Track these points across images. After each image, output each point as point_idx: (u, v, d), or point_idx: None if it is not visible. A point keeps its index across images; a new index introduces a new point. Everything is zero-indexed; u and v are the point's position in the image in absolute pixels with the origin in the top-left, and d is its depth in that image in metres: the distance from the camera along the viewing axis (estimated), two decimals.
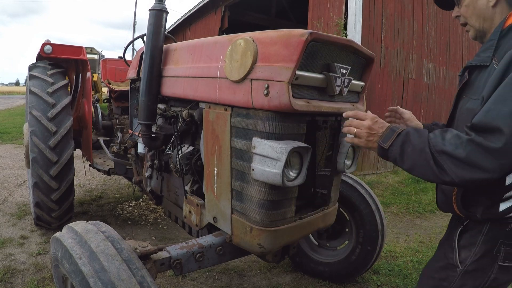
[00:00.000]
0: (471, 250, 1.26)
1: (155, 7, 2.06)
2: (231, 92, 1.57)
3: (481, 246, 1.24)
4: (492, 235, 1.23)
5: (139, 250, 1.49)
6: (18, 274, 2.72)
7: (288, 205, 1.60)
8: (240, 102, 1.53)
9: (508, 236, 1.20)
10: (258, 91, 1.43)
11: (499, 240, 1.21)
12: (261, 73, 1.42)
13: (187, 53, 1.99)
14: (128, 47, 3.23)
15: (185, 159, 1.93)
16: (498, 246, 1.21)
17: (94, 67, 12.20)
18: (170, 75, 2.10)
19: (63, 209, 3.19)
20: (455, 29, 8.42)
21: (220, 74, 1.64)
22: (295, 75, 1.36)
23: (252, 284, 2.80)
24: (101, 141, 3.73)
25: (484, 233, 1.24)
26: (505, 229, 1.20)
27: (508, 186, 1.17)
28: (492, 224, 1.23)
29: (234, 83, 1.54)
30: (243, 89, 1.50)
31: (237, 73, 1.50)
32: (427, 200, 5.54)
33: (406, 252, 3.53)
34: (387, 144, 1.21)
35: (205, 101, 1.79)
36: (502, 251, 1.20)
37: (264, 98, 1.40)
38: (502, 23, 1.21)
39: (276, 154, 1.36)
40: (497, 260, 1.21)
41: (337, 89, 1.52)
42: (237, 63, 1.50)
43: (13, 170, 5.82)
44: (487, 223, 1.24)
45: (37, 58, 3.62)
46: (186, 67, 1.94)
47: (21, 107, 19.03)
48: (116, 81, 5.09)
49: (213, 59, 1.72)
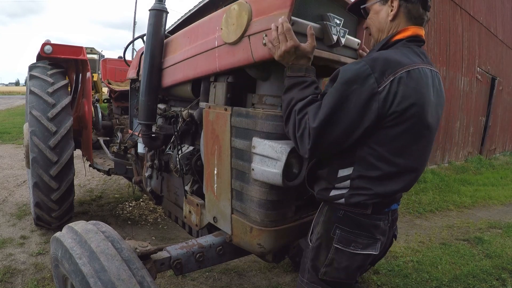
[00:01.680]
0: (316, 228, 1.41)
1: (155, 7, 2.05)
2: (231, 55, 1.57)
3: (321, 225, 1.38)
4: (329, 216, 1.37)
5: (139, 250, 1.49)
6: (18, 274, 2.72)
7: (288, 205, 1.60)
8: (241, 61, 1.52)
9: (341, 220, 1.33)
10: (257, 44, 1.43)
11: (334, 224, 1.34)
12: (258, 26, 1.42)
13: (184, 38, 1.99)
14: (128, 47, 3.24)
15: (185, 159, 1.92)
16: (334, 229, 1.33)
17: (94, 67, 12.19)
18: (170, 64, 2.08)
19: (63, 209, 3.19)
20: (455, 29, 8.42)
21: (218, 43, 1.64)
22: (291, 20, 1.35)
23: (252, 284, 2.80)
24: (101, 141, 3.73)
25: (324, 214, 1.39)
26: (338, 214, 1.33)
27: (339, 178, 1.31)
28: (329, 207, 1.38)
29: (233, 46, 1.54)
30: (242, 47, 1.50)
31: (234, 34, 1.50)
32: (427, 200, 5.55)
33: (406, 252, 3.53)
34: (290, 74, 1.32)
35: (206, 74, 1.78)
36: (337, 234, 1.33)
37: (264, 48, 1.39)
38: (389, 37, 1.33)
39: (276, 154, 1.36)
40: (333, 242, 1.33)
41: (334, 37, 1.51)
42: (233, 26, 1.51)
43: (13, 170, 5.82)
44: (326, 206, 1.40)
45: (37, 58, 3.62)
46: (185, 50, 1.93)
47: (21, 107, 19.03)
48: (116, 81, 5.09)
49: (210, 33, 1.72)
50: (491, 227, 4.59)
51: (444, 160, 8.83)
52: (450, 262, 3.36)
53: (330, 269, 1.35)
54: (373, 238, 1.33)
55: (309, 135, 1.20)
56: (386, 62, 1.17)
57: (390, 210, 1.39)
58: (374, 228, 1.33)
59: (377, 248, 1.35)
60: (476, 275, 3.12)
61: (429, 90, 1.25)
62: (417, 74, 1.21)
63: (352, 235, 1.31)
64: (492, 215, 5.20)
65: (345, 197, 1.29)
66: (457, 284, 2.96)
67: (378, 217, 1.33)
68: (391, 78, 1.15)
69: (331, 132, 1.18)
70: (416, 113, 1.19)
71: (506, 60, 11.97)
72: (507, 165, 10.37)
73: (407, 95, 1.16)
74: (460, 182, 7.15)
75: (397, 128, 1.19)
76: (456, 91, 8.77)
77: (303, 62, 1.32)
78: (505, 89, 12.16)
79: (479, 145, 11.05)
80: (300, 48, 1.29)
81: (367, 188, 1.26)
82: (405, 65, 1.18)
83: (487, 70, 10.47)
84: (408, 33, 1.31)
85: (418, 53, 1.28)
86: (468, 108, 9.65)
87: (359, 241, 1.31)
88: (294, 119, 1.26)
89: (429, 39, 7.47)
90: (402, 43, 1.30)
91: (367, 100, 1.14)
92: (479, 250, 3.74)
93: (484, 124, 11.19)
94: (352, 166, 1.28)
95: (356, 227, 1.31)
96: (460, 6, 8.47)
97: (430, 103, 1.25)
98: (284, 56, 1.31)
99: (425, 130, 1.26)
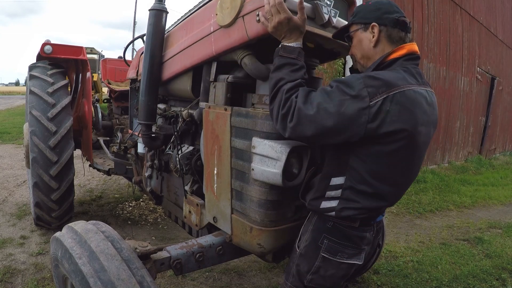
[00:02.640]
0: (304, 236, 1.45)
1: (155, 7, 2.06)
2: (226, 37, 1.60)
3: (310, 234, 1.43)
4: (317, 226, 1.41)
5: (139, 250, 1.49)
6: (18, 274, 2.72)
7: (288, 205, 1.60)
8: (236, 40, 1.55)
9: (330, 231, 1.37)
10: (251, 22, 1.45)
11: (323, 233, 1.38)
12: (251, 6, 1.45)
13: (180, 31, 2.02)
14: (128, 47, 3.23)
15: (185, 159, 1.92)
16: (322, 239, 1.38)
17: (94, 67, 12.18)
18: (168, 57, 2.10)
19: (63, 209, 3.19)
20: (455, 29, 8.42)
21: (213, 28, 1.67)
22: None
23: (252, 284, 2.80)
24: (101, 141, 3.73)
25: (313, 223, 1.43)
26: (327, 225, 1.38)
27: (332, 186, 1.34)
28: (318, 217, 1.42)
29: (228, 28, 1.57)
30: (237, 28, 1.53)
31: (229, 16, 1.53)
32: (427, 200, 5.55)
33: (406, 252, 3.53)
34: (283, 54, 1.33)
35: (202, 60, 1.80)
36: (325, 244, 1.38)
37: (258, 24, 1.42)
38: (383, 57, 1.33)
39: (276, 154, 1.36)
40: (320, 251, 1.38)
41: (325, 16, 1.52)
42: (228, 9, 1.54)
43: (13, 170, 5.82)
44: (315, 215, 1.44)
45: (37, 58, 3.62)
46: (181, 42, 1.96)
47: (21, 107, 19.02)
48: (116, 81, 5.09)
49: (205, 21, 1.75)
50: (491, 227, 4.59)
51: (444, 160, 8.83)
52: (450, 262, 3.36)
53: (316, 277, 1.40)
54: (359, 249, 1.40)
55: (293, 114, 1.22)
56: (381, 80, 1.19)
57: (375, 222, 1.46)
58: (360, 240, 1.39)
59: (361, 258, 1.42)
60: (476, 275, 3.12)
61: (422, 110, 1.26)
62: (412, 95, 1.22)
63: (340, 245, 1.37)
64: (492, 215, 5.20)
65: (336, 210, 1.33)
66: (457, 284, 2.96)
67: (365, 229, 1.40)
68: (385, 96, 1.16)
69: (314, 120, 1.19)
70: (408, 135, 1.21)
71: (506, 60, 11.97)
72: (507, 165, 10.37)
73: (398, 115, 1.18)
74: (460, 182, 7.15)
75: (391, 146, 1.22)
76: (456, 91, 8.77)
77: (295, 35, 1.34)
78: (505, 89, 12.16)
79: (479, 145, 11.04)
80: (293, 19, 1.31)
81: (356, 201, 1.30)
82: (399, 85, 1.20)
83: (487, 70, 10.47)
84: (403, 51, 1.32)
85: (414, 74, 1.29)
86: (468, 108, 9.65)
87: (345, 251, 1.37)
88: (281, 97, 1.28)
89: (429, 39, 7.47)
90: (399, 62, 1.31)
91: (357, 112, 1.16)
92: (479, 250, 3.73)
93: (484, 124, 11.19)
94: (344, 175, 1.31)
95: (344, 238, 1.37)
96: (460, 6, 8.47)
97: (423, 123, 1.26)
98: (277, 28, 1.32)
99: (416, 150, 1.29)
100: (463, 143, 9.77)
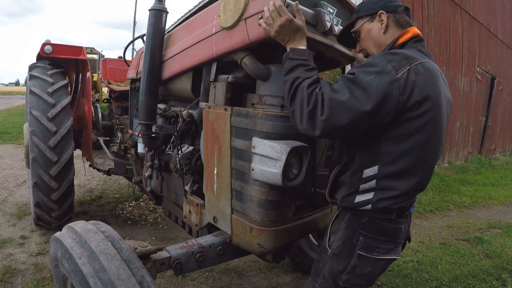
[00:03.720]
0: (336, 235, 1.39)
1: (155, 7, 2.05)
2: (228, 39, 1.60)
3: (343, 232, 1.37)
4: (351, 223, 1.35)
5: (139, 250, 1.49)
6: (18, 274, 2.72)
7: (288, 205, 1.60)
8: (237, 43, 1.55)
9: (365, 227, 1.32)
10: (253, 25, 1.46)
11: (357, 230, 1.33)
12: (253, 9, 1.46)
13: (182, 31, 2.02)
14: (128, 47, 3.24)
15: (185, 159, 1.92)
16: (357, 236, 1.33)
17: (94, 67, 12.18)
18: (169, 57, 2.10)
19: (63, 209, 3.19)
20: (455, 29, 8.42)
21: (216, 30, 1.67)
22: (286, 2, 1.37)
23: (252, 284, 2.80)
24: (101, 141, 3.73)
25: (346, 221, 1.38)
26: (362, 220, 1.33)
27: (365, 178, 1.29)
28: (352, 213, 1.36)
29: (230, 30, 1.58)
30: (239, 30, 1.53)
31: (232, 18, 1.53)
32: (427, 200, 5.55)
33: (406, 252, 3.53)
34: (293, 56, 1.32)
35: (203, 61, 1.81)
36: (361, 241, 1.32)
37: (260, 28, 1.42)
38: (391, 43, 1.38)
39: (276, 154, 1.36)
40: (356, 248, 1.32)
41: (327, 24, 1.53)
42: (231, 11, 1.54)
43: (13, 170, 5.82)
44: (348, 212, 1.38)
45: (37, 58, 3.62)
46: (183, 41, 1.96)
47: (21, 107, 19.02)
48: (116, 81, 5.09)
49: (208, 22, 1.76)
50: (491, 227, 4.59)
51: (444, 160, 8.83)
52: (450, 262, 3.36)
53: (352, 276, 1.35)
54: (395, 243, 1.35)
55: (323, 105, 1.16)
56: (400, 54, 1.23)
57: (409, 213, 1.43)
58: (397, 233, 1.35)
59: (398, 252, 1.37)
60: (476, 275, 3.12)
61: (441, 82, 1.29)
62: (430, 66, 1.26)
63: (376, 241, 1.32)
64: (492, 215, 5.20)
65: (372, 202, 1.28)
66: (457, 284, 2.96)
67: (401, 221, 1.35)
68: (408, 68, 1.18)
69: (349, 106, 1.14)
70: (434, 106, 1.22)
71: (506, 60, 11.97)
72: (507, 165, 10.37)
73: (424, 84, 1.20)
74: (460, 182, 7.15)
75: (419, 120, 1.21)
76: (456, 91, 8.77)
77: (299, 37, 1.34)
78: (505, 89, 12.16)
79: (479, 145, 11.04)
80: (294, 20, 1.32)
81: (392, 188, 1.26)
82: (418, 58, 1.23)
83: (487, 70, 10.47)
84: (409, 35, 1.38)
85: (425, 52, 1.34)
86: (468, 108, 9.65)
87: (382, 247, 1.33)
88: (302, 94, 1.22)
89: (429, 39, 7.47)
90: (409, 45, 1.36)
91: (388, 86, 1.15)
92: (479, 250, 3.74)
93: (484, 124, 11.19)
94: (377, 164, 1.27)
95: (381, 233, 1.32)
96: (460, 6, 8.47)
97: (444, 95, 1.29)
98: (280, 31, 1.33)
99: (441, 124, 1.28)
100: (463, 143, 9.77)
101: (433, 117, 1.23)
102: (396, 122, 1.21)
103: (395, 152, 1.24)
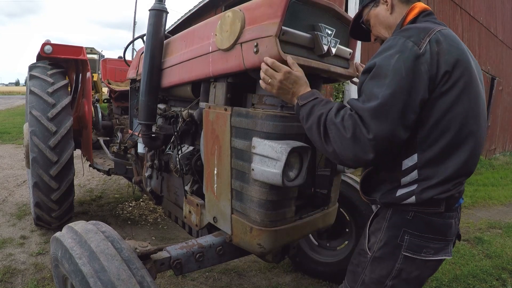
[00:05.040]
0: (377, 236, 1.26)
1: (155, 7, 2.06)
2: (224, 61, 1.61)
3: (385, 232, 1.24)
4: (394, 221, 1.23)
5: (139, 250, 1.49)
6: (18, 274, 2.72)
7: (288, 205, 1.60)
8: (233, 67, 1.56)
9: (410, 224, 1.20)
10: (248, 51, 1.46)
11: (402, 228, 1.21)
12: (250, 35, 1.46)
13: (180, 41, 2.03)
14: (128, 47, 3.24)
15: (185, 159, 1.92)
16: (402, 235, 1.20)
17: (94, 67, 12.18)
18: (167, 66, 2.12)
19: (63, 209, 3.19)
20: (455, 29, 8.41)
21: (212, 49, 1.68)
22: (282, 30, 1.38)
23: (252, 284, 2.80)
24: (101, 141, 3.73)
25: (388, 219, 1.25)
26: (407, 217, 1.21)
27: (405, 170, 1.19)
28: (394, 210, 1.24)
29: (226, 52, 1.58)
30: (234, 54, 1.54)
31: (228, 41, 1.54)
32: None
33: None
34: (303, 102, 1.26)
35: (199, 78, 1.82)
36: (406, 240, 1.20)
37: (255, 56, 1.43)
38: (400, 22, 1.32)
39: (276, 154, 1.36)
40: (401, 249, 1.20)
41: (324, 47, 1.53)
42: (227, 33, 1.55)
43: (13, 170, 5.82)
44: (390, 209, 1.25)
45: (37, 58, 3.62)
46: (180, 53, 1.97)
47: (21, 107, 19.02)
48: (116, 81, 5.09)
49: (205, 38, 1.76)
50: (491, 227, 4.59)
51: None
52: (450, 262, 3.35)
53: (398, 281, 1.22)
54: (446, 241, 1.22)
55: (363, 122, 1.07)
56: (416, 28, 1.17)
57: (459, 205, 1.29)
58: (446, 229, 1.22)
59: (449, 251, 1.24)
60: (476, 275, 3.12)
61: (465, 48, 1.22)
62: (450, 33, 1.20)
63: (424, 239, 1.19)
64: (492, 215, 5.20)
65: (416, 193, 1.16)
66: (457, 284, 2.96)
67: (450, 215, 1.22)
68: (428, 39, 1.12)
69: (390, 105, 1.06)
70: (465, 70, 1.15)
71: (506, 60, 11.97)
72: (507, 165, 10.37)
73: (449, 52, 1.13)
74: None
75: (453, 91, 1.13)
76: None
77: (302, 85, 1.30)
78: (505, 89, 12.16)
79: None
80: (293, 72, 1.29)
81: (437, 174, 1.15)
82: (434, 28, 1.17)
83: (487, 70, 10.46)
84: (417, 10, 1.32)
85: (439, 23, 1.27)
86: None
87: (431, 246, 1.20)
88: (335, 125, 1.13)
89: None
90: (419, 19, 1.30)
91: (415, 64, 1.08)
92: (479, 250, 3.73)
93: None
94: (416, 152, 1.17)
95: (429, 230, 1.19)
96: (460, 6, 8.47)
97: (472, 59, 1.21)
98: (281, 87, 1.31)
99: (478, 88, 1.19)
100: None
101: (466, 84, 1.14)
102: (429, 102, 1.12)
103: (433, 134, 1.14)
